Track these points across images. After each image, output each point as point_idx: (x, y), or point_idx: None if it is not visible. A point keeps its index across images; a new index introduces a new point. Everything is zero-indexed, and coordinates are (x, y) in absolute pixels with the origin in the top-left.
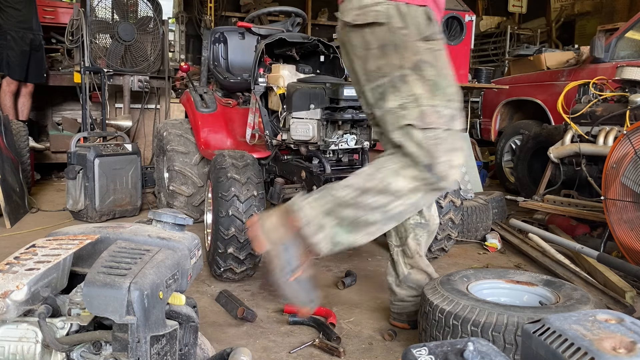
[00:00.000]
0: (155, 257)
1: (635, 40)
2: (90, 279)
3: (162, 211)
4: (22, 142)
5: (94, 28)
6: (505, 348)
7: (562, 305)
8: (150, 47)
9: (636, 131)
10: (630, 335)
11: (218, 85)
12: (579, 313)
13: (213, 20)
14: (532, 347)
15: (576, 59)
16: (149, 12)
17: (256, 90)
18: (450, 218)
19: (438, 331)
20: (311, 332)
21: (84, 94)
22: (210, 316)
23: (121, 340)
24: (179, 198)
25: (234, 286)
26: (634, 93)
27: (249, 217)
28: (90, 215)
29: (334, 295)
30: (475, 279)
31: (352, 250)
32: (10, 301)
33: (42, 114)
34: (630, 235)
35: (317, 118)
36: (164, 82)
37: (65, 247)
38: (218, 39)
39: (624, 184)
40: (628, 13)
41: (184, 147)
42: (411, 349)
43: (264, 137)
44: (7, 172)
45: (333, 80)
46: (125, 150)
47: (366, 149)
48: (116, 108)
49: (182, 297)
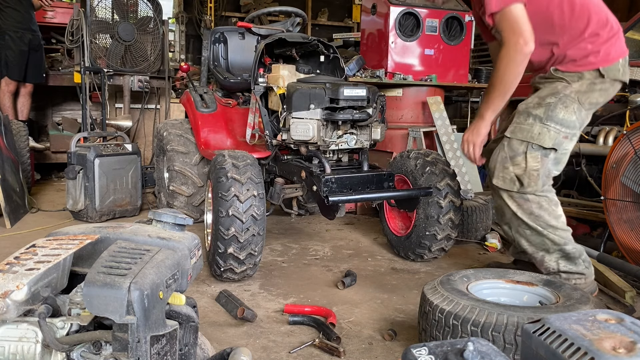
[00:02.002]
0: (155, 257)
1: (635, 40)
2: (90, 279)
3: (162, 211)
4: (22, 142)
5: (94, 28)
6: (505, 348)
7: (562, 305)
8: (150, 47)
9: (636, 131)
10: (630, 335)
11: (218, 85)
12: (579, 313)
13: (213, 20)
14: (532, 347)
15: None
16: (149, 12)
17: (256, 90)
18: (450, 218)
19: (438, 331)
20: (311, 332)
21: (84, 94)
22: (210, 316)
23: (121, 340)
24: (179, 198)
25: (234, 286)
26: (634, 93)
27: (249, 217)
28: (90, 215)
29: (334, 295)
30: (475, 279)
31: (352, 250)
32: (10, 301)
33: (42, 114)
34: (630, 235)
35: (317, 118)
36: (164, 82)
37: (65, 247)
38: (218, 39)
39: (623, 184)
40: (628, 13)
41: (184, 147)
42: (411, 349)
43: (264, 137)
44: (7, 172)
45: (333, 80)
46: (125, 150)
47: (366, 149)
48: (116, 108)
49: (182, 297)
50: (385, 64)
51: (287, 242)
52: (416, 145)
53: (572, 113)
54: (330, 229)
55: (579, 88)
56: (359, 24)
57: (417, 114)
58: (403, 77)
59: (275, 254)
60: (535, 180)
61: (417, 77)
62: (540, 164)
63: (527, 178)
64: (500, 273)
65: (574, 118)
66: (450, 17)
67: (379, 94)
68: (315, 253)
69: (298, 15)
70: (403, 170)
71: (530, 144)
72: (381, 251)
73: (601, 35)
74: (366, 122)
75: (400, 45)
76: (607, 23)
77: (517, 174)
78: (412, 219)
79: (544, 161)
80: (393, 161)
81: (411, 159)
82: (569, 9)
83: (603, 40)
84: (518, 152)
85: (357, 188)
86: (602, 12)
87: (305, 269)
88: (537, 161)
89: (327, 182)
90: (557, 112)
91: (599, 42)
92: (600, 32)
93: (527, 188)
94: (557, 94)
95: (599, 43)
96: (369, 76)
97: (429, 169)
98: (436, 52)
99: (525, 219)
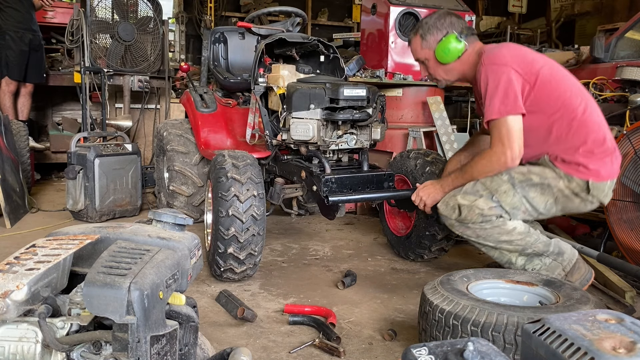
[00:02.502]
0: (155, 257)
1: (635, 40)
2: (90, 279)
3: (162, 211)
4: (22, 142)
5: (94, 28)
6: (505, 348)
7: (562, 305)
8: (150, 47)
9: (636, 131)
10: (630, 335)
11: (218, 85)
12: (579, 313)
13: (213, 20)
14: (532, 347)
15: (576, 59)
16: (149, 12)
17: (256, 90)
18: None
19: (438, 331)
20: (311, 332)
21: (84, 94)
22: (210, 316)
23: (121, 340)
24: (179, 198)
25: (234, 286)
26: (634, 93)
27: (249, 217)
28: (90, 215)
29: (334, 295)
30: (475, 279)
31: (352, 250)
32: (10, 301)
33: (42, 114)
34: (630, 235)
35: (317, 118)
36: (164, 82)
37: (65, 247)
38: (218, 39)
39: (624, 184)
40: (628, 13)
41: (184, 147)
42: (411, 349)
43: (264, 137)
44: (7, 172)
45: (333, 80)
46: (125, 150)
47: (366, 149)
48: (116, 108)
49: (182, 297)
50: (385, 64)
51: (287, 242)
52: (416, 145)
53: (544, 202)
54: (330, 229)
55: (563, 188)
56: (359, 24)
57: (417, 114)
58: (403, 77)
59: (275, 254)
60: (473, 218)
61: (417, 77)
62: (488, 210)
63: (467, 211)
64: (500, 273)
65: (542, 205)
66: None
67: (379, 94)
68: (315, 253)
69: (298, 15)
70: (403, 170)
71: (492, 194)
72: (381, 251)
73: (595, 153)
74: (366, 122)
75: (400, 45)
76: (603, 143)
77: (460, 204)
78: (412, 219)
79: (492, 211)
80: (393, 161)
81: (411, 159)
82: (567, 124)
83: (596, 159)
84: (475, 191)
85: (357, 188)
86: (600, 130)
87: (305, 269)
88: (487, 207)
89: (327, 182)
90: (532, 190)
91: (592, 159)
92: (595, 150)
93: (464, 220)
94: (544, 179)
95: (592, 160)
96: (369, 76)
97: (429, 169)
98: None
99: (474, 240)
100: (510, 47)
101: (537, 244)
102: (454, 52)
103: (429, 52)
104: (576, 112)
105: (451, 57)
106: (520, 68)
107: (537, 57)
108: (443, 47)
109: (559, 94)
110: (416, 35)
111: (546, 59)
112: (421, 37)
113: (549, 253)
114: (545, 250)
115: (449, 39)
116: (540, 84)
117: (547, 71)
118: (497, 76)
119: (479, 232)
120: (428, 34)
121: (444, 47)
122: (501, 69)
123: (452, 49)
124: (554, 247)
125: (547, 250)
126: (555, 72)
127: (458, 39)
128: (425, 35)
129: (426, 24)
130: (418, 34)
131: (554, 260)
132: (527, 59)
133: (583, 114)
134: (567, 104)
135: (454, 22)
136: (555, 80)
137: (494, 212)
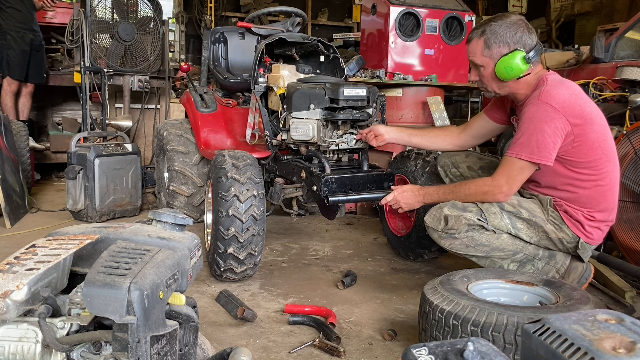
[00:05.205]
0: (155, 257)
1: (635, 40)
2: (90, 279)
3: (162, 211)
4: (22, 142)
5: (94, 28)
6: (505, 348)
7: (562, 305)
8: (150, 47)
9: (636, 131)
10: (630, 335)
11: (218, 85)
12: (579, 313)
13: (213, 20)
14: (532, 347)
15: (576, 59)
16: (149, 12)
17: (256, 90)
18: None
19: (438, 331)
20: (311, 332)
21: (84, 94)
22: (210, 316)
23: (121, 340)
24: (179, 198)
25: (234, 286)
26: (633, 93)
27: (249, 217)
28: (90, 215)
29: (334, 295)
30: (475, 279)
31: (352, 250)
32: (10, 301)
33: (42, 114)
34: (630, 235)
35: (317, 118)
36: (164, 82)
37: (65, 247)
38: (218, 39)
39: (624, 184)
40: (628, 13)
41: (184, 147)
42: (411, 349)
43: (264, 137)
44: (7, 172)
45: (333, 80)
46: (125, 150)
47: (366, 149)
48: (116, 108)
49: (182, 297)
50: (385, 64)
51: (287, 242)
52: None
53: (526, 235)
54: (330, 229)
55: (549, 232)
56: (359, 24)
57: (417, 114)
58: (403, 77)
59: (275, 254)
60: (460, 227)
61: (417, 77)
62: (475, 221)
63: (454, 220)
64: (500, 273)
65: (523, 235)
66: (450, 17)
67: (379, 94)
68: (315, 253)
69: (298, 15)
70: (403, 170)
71: (481, 212)
72: (381, 251)
73: (597, 220)
74: (366, 122)
75: (400, 45)
76: (610, 214)
77: (447, 215)
78: (412, 219)
79: (478, 222)
80: (393, 161)
81: (411, 159)
82: (588, 184)
83: (595, 225)
84: (464, 207)
85: (357, 188)
86: (613, 201)
87: (305, 269)
88: (475, 218)
89: (327, 182)
90: (520, 222)
91: (592, 222)
92: (599, 217)
93: (450, 229)
94: (533, 217)
95: (592, 224)
96: (369, 76)
97: (429, 169)
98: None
99: (463, 253)
100: (572, 89)
101: (528, 247)
102: (516, 71)
103: (489, 62)
104: (601, 178)
105: (511, 76)
106: (573, 118)
107: (593, 111)
108: (506, 64)
109: (595, 156)
110: (480, 39)
111: (599, 112)
112: (485, 42)
113: (541, 257)
114: (536, 253)
115: (514, 56)
116: (584, 139)
117: (597, 129)
118: (546, 119)
119: (467, 242)
120: (494, 43)
121: (506, 64)
122: (553, 114)
123: (515, 68)
124: (545, 250)
125: (537, 254)
126: (602, 131)
127: (524, 60)
128: (490, 43)
129: (495, 33)
130: (483, 38)
131: (547, 264)
132: (584, 111)
133: (607, 180)
134: (598, 167)
135: (525, 38)
136: (599, 140)
137: (480, 224)
